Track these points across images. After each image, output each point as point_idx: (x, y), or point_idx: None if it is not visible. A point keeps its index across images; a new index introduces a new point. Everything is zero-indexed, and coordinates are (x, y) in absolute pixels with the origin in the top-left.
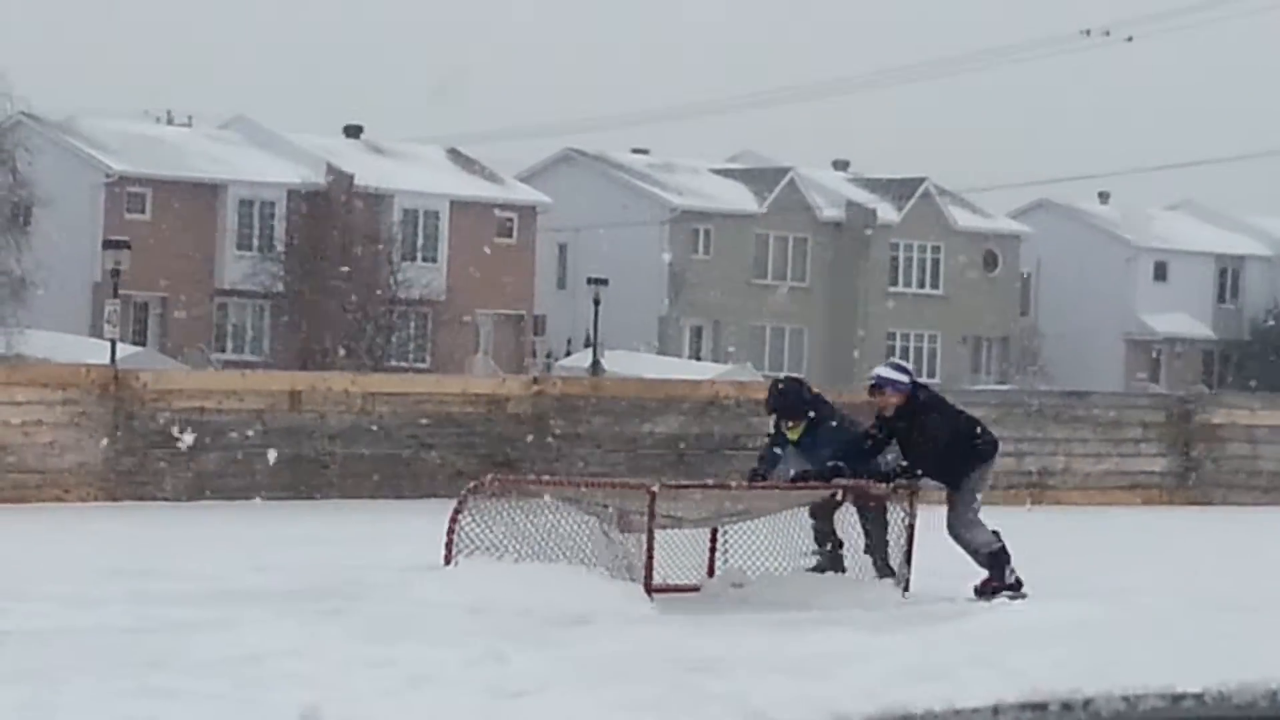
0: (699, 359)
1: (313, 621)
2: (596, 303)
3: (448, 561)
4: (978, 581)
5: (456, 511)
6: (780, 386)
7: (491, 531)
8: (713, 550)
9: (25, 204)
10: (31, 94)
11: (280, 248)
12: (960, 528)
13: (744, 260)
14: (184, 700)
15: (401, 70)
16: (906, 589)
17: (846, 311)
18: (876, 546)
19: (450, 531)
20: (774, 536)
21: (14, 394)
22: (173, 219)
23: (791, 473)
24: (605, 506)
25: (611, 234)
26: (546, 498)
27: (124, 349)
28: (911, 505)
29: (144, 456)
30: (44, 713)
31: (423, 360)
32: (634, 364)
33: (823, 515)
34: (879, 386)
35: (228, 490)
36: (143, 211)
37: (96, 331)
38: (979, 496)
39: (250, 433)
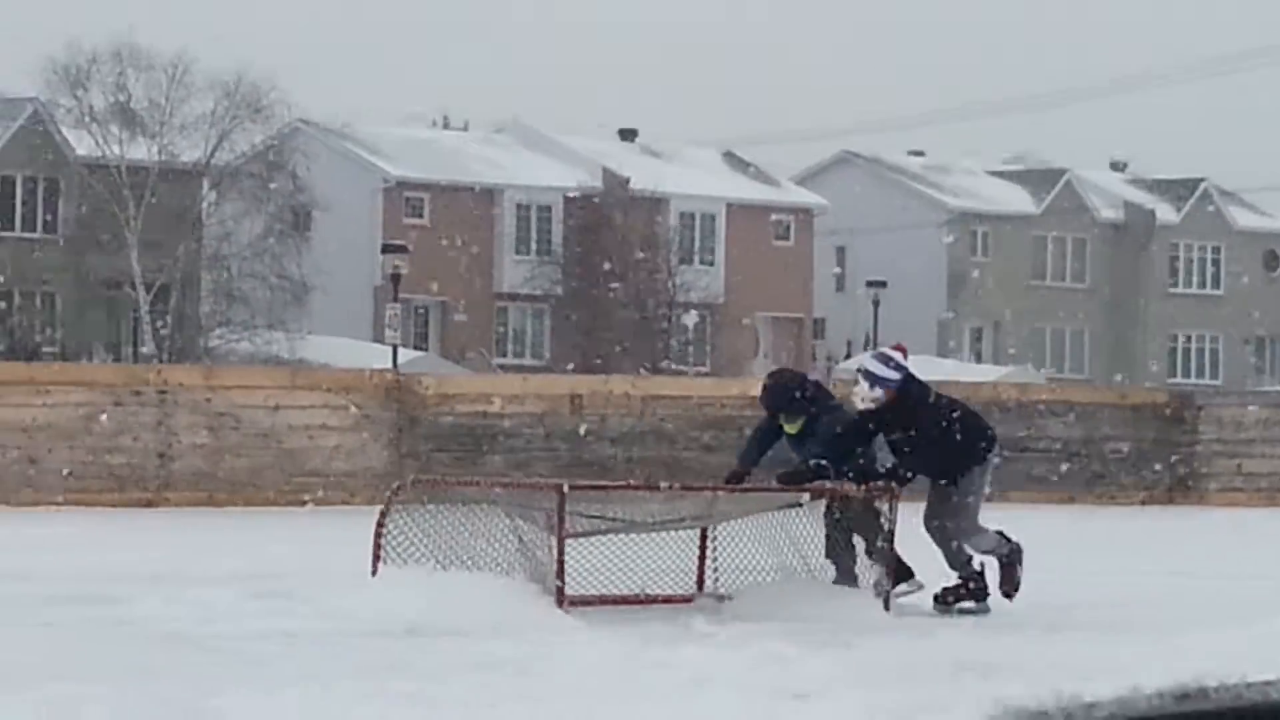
0: (979, 361)
1: (600, 623)
2: (875, 305)
3: (374, 571)
4: (939, 589)
5: (382, 515)
6: (769, 382)
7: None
8: (702, 559)
9: (305, 209)
10: (309, 100)
11: (558, 251)
12: (957, 533)
13: (1023, 262)
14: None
15: (675, 73)
16: (887, 602)
17: (1127, 312)
18: (874, 549)
19: (377, 537)
20: (761, 543)
21: (299, 398)
22: (451, 223)
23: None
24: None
25: (889, 236)
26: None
27: (405, 353)
28: (892, 509)
29: (427, 460)
30: (315, 715)
31: (703, 364)
32: (913, 367)
33: (838, 520)
34: (864, 380)
35: None
36: (421, 216)
37: (378, 336)
38: (980, 499)
39: (530, 436)
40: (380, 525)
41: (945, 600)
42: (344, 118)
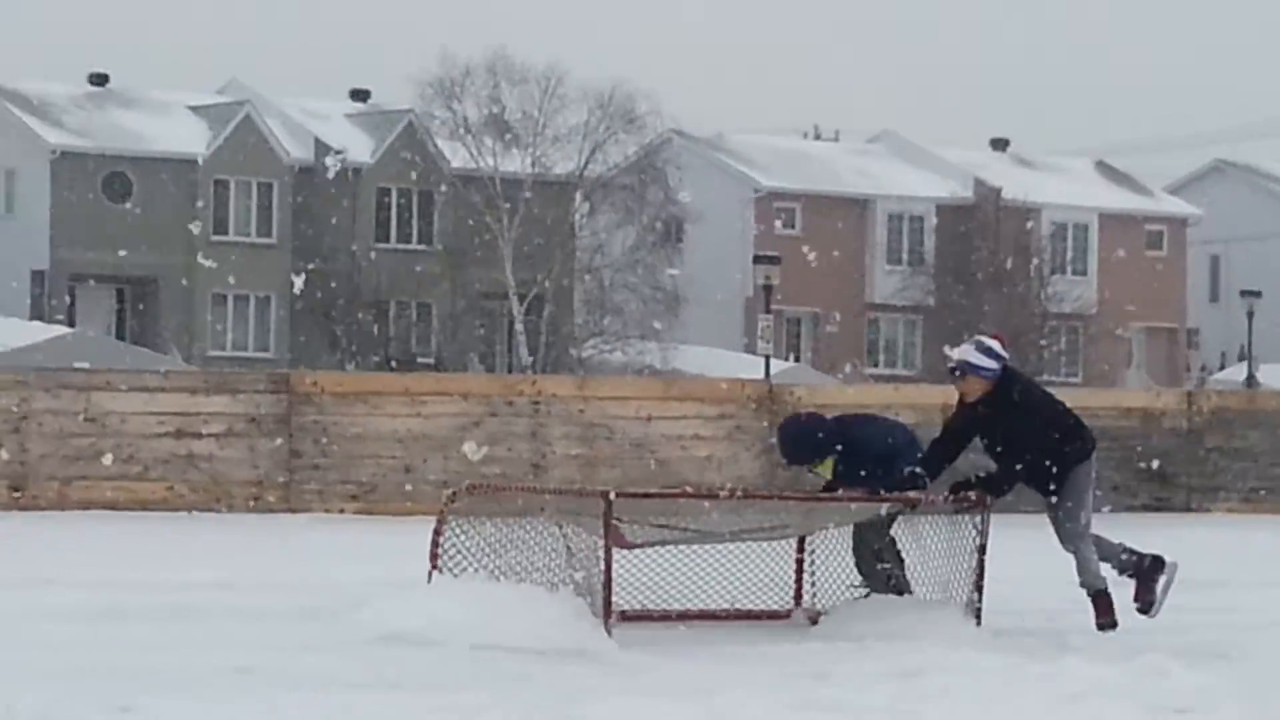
0: None
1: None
2: (1250, 315)
3: (429, 579)
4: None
5: (439, 523)
6: (781, 435)
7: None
8: (800, 572)
9: (677, 219)
10: (681, 111)
11: (929, 262)
12: (1075, 539)
13: None
14: (846, 713)
15: (1048, 81)
16: (979, 618)
17: None
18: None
19: (434, 545)
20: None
21: (671, 409)
22: (822, 234)
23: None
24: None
25: (1264, 245)
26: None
27: (777, 364)
28: (983, 521)
29: (801, 471)
30: None
31: (1074, 374)
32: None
33: (871, 539)
34: (961, 372)
35: None
36: (793, 226)
37: (750, 346)
38: (1089, 500)
39: None
40: (437, 533)
41: (1103, 624)
42: (716, 128)
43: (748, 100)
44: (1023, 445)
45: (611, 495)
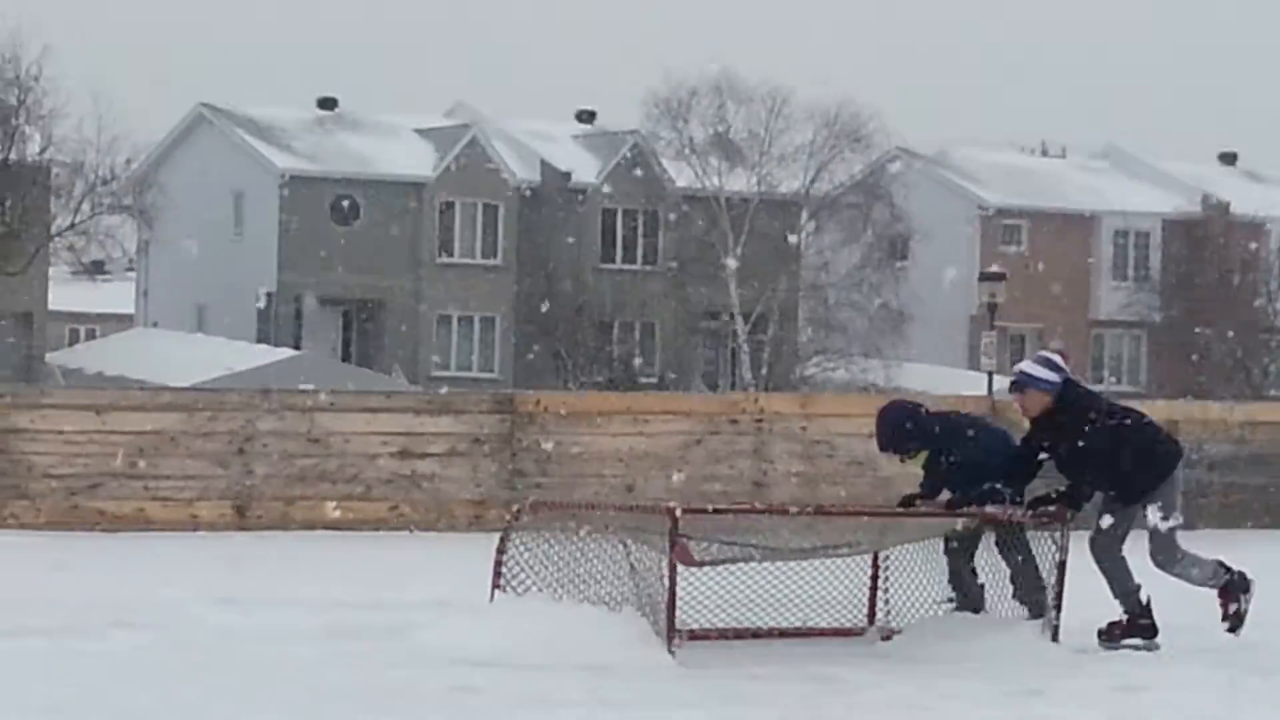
0: None
1: (1186, 654)
2: None
3: (491, 598)
4: (1104, 623)
5: (502, 541)
6: (879, 422)
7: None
8: (874, 589)
9: (902, 237)
10: (906, 129)
11: (1155, 277)
12: (1164, 558)
13: None
14: None
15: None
16: (1056, 636)
17: None
18: (1026, 584)
19: (497, 564)
20: (930, 573)
21: None
22: (1047, 250)
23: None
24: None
25: None
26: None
27: (1000, 380)
28: (1063, 536)
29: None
30: None
31: None
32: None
33: (961, 551)
34: (1020, 385)
35: None
36: (1018, 243)
37: (974, 363)
38: (1177, 521)
39: None
40: (500, 552)
41: (1111, 635)
42: (941, 146)
43: (973, 117)
44: (1087, 457)
45: (678, 512)
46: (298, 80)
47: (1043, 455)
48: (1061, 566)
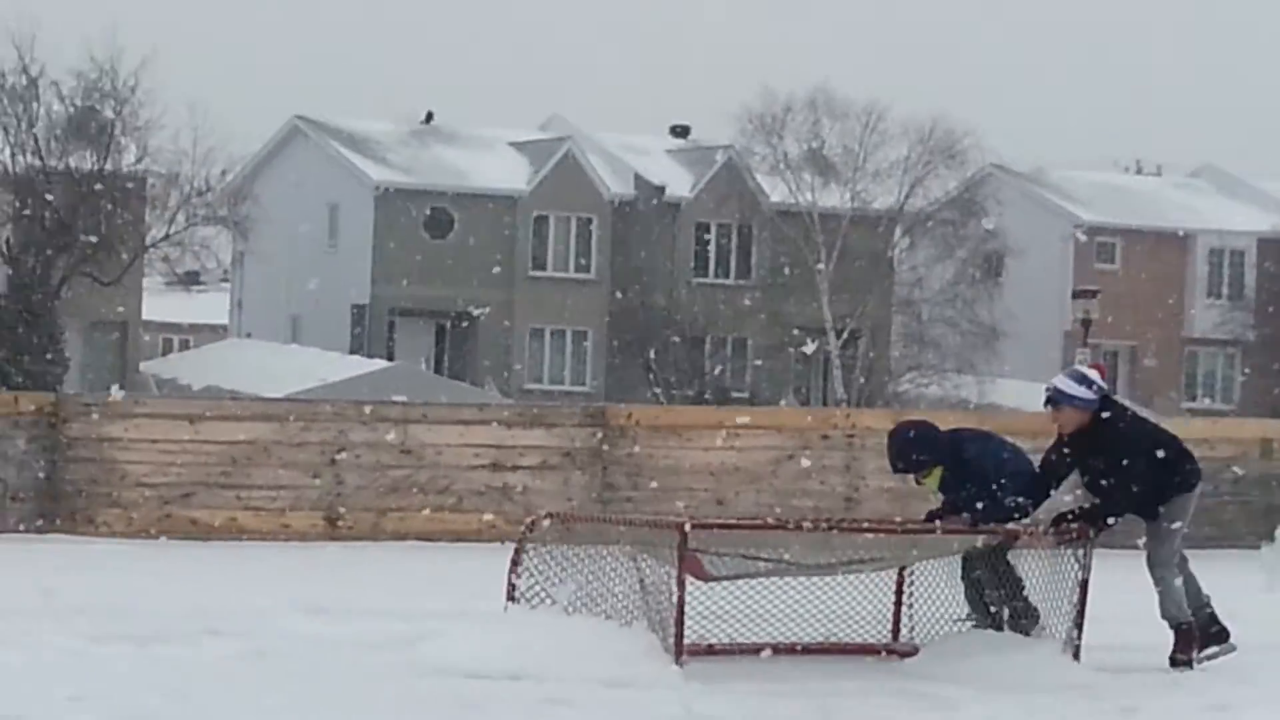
0: None
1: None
2: None
3: (512, 600)
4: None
5: (516, 553)
6: (891, 443)
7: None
8: (898, 605)
9: (998, 254)
10: (1002, 146)
11: (1250, 296)
12: (1160, 566)
13: None
14: None
15: None
16: (1078, 655)
17: None
18: (1015, 609)
19: (511, 575)
20: (953, 590)
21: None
22: (1141, 268)
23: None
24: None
25: None
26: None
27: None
28: (1086, 555)
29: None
30: None
31: None
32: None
33: (980, 568)
34: (1054, 402)
35: (1198, 539)
36: (1112, 261)
37: None
38: (1181, 530)
39: (1222, 481)
40: (515, 563)
41: (1177, 661)
42: (1036, 163)
43: (1071, 135)
44: (1124, 476)
45: (687, 526)
46: (393, 93)
47: (1062, 474)
48: (1084, 585)
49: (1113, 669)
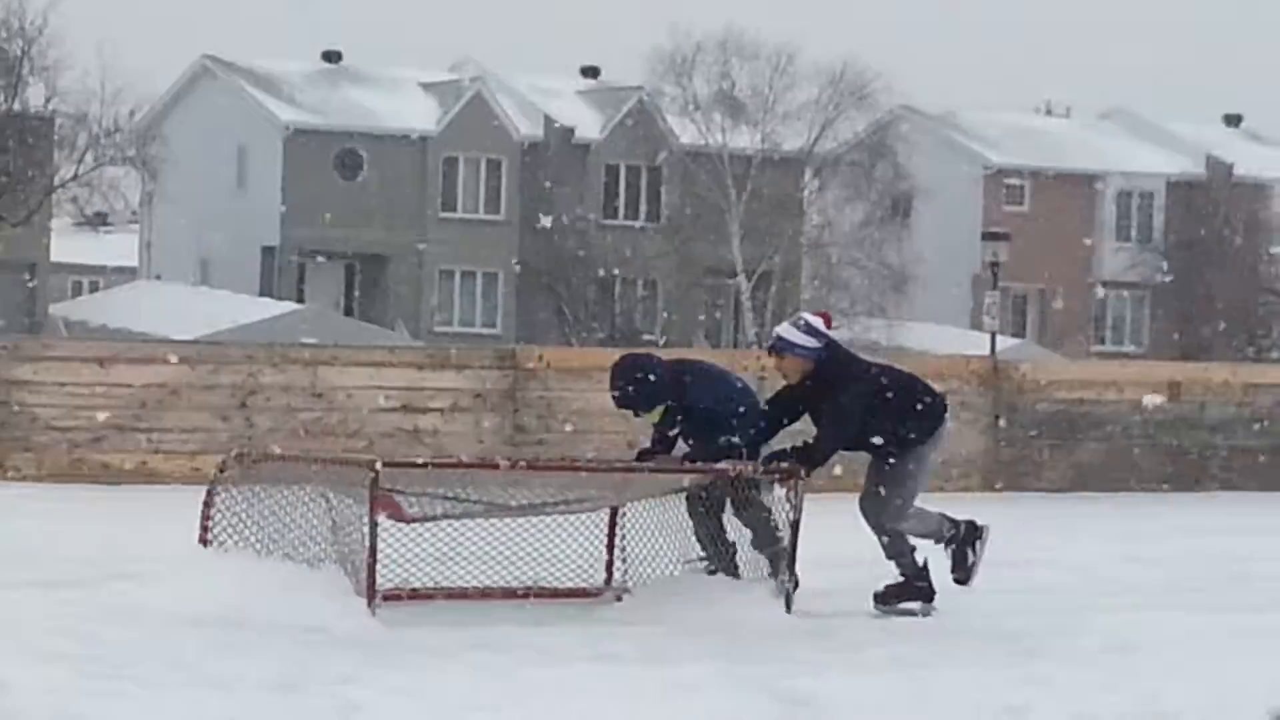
0: None
1: (1196, 612)
2: None
3: (204, 543)
4: (881, 586)
5: (209, 494)
6: (613, 378)
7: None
8: (611, 547)
9: (905, 196)
10: (912, 89)
11: (1159, 239)
12: (893, 515)
13: None
14: (1057, 689)
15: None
16: (789, 604)
17: None
18: (762, 540)
19: (204, 517)
20: (665, 529)
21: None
22: (1050, 210)
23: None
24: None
25: None
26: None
27: (1003, 341)
28: (797, 495)
29: (1025, 447)
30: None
31: None
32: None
33: (705, 510)
34: (778, 350)
35: (1105, 482)
36: (1021, 203)
37: (976, 323)
38: (922, 477)
39: (1128, 424)
40: (207, 505)
41: (886, 600)
42: (946, 105)
43: (979, 77)
44: (835, 415)
45: (378, 465)
46: (302, 33)
47: (788, 417)
48: (795, 526)
49: (821, 614)
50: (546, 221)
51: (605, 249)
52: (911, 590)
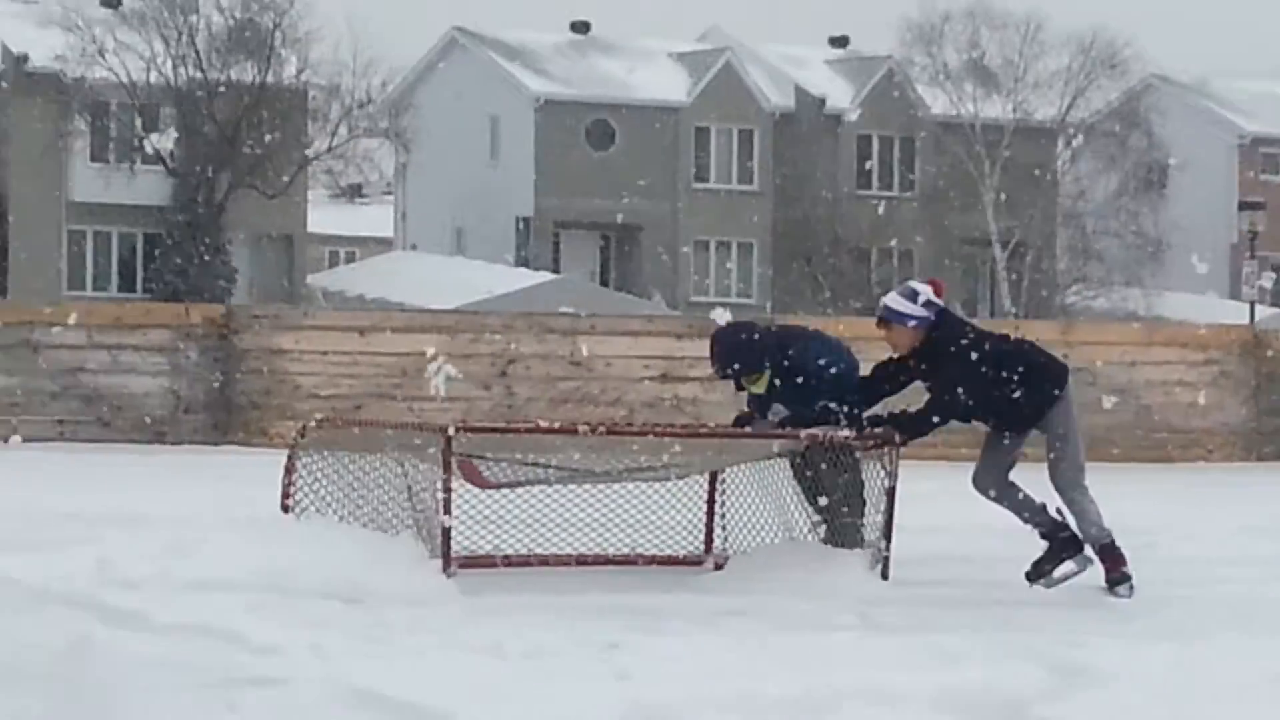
0: None
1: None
2: None
3: (285, 510)
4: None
5: (289, 461)
6: (714, 346)
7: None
8: (710, 515)
9: (1160, 166)
10: (1164, 56)
11: None
12: (1069, 480)
13: None
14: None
15: None
16: (886, 573)
17: None
18: (852, 508)
19: (286, 484)
20: (766, 499)
21: (1153, 354)
22: None
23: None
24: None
25: None
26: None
27: (1262, 310)
28: (892, 462)
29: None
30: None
31: None
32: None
33: (812, 476)
34: (885, 320)
35: None
36: (1277, 172)
37: (1234, 293)
38: (1076, 442)
39: None
40: (289, 471)
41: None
42: (1199, 73)
43: (1233, 45)
44: (943, 387)
45: (451, 431)
46: (549, 3)
47: (890, 386)
48: (891, 494)
49: (920, 582)
50: (799, 194)
51: (859, 219)
52: (1112, 553)
